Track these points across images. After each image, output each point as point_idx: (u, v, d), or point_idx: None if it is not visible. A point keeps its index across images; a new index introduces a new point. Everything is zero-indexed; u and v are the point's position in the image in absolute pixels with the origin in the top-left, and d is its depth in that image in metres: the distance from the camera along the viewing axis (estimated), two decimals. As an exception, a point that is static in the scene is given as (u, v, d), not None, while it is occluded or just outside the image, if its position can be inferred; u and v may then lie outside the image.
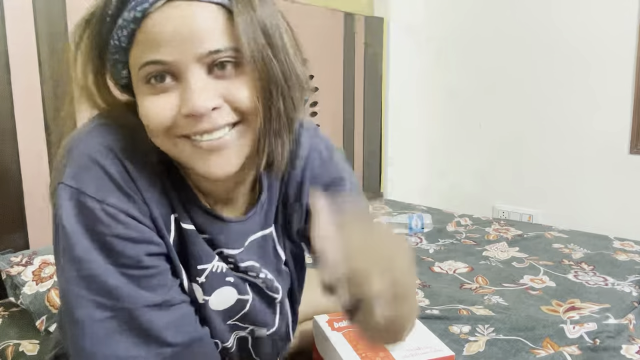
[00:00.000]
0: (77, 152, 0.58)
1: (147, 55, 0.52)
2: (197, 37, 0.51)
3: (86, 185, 0.56)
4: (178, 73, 0.53)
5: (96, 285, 0.55)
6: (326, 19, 2.32)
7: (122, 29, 0.52)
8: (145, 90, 0.54)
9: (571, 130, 2.49)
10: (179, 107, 0.53)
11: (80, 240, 0.55)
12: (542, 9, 2.50)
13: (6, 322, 1.27)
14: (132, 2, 0.51)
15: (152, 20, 0.51)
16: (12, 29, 1.36)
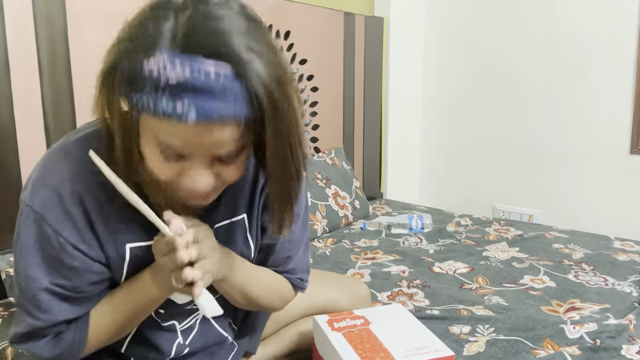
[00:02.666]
0: (49, 182, 0.66)
1: (168, 139, 0.56)
2: (215, 147, 0.57)
3: (48, 216, 0.66)
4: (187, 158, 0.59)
5: (30, 296, 0.71)
6: (326, 19, 2.32)
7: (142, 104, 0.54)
8: (155, 149, 0.58)
9: (571, 131, 2.49)
10: (178, 174, 0.60)
11: (32, 257, 0.68)
12: (542, 10, 2.50)
13: (6, 322, 1.27)
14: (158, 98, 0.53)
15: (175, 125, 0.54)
16: (12, 29, 1.36)
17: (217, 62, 0.52)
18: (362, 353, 0.88)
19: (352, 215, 2.19)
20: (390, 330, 0.95)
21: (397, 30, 2.73)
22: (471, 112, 2.81)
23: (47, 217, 0.66)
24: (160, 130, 0.55)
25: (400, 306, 1.06)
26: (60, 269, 0.68)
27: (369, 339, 0.92)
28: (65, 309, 0.71)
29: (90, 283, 0.71)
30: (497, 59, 2.67)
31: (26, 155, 1.42)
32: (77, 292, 0.70)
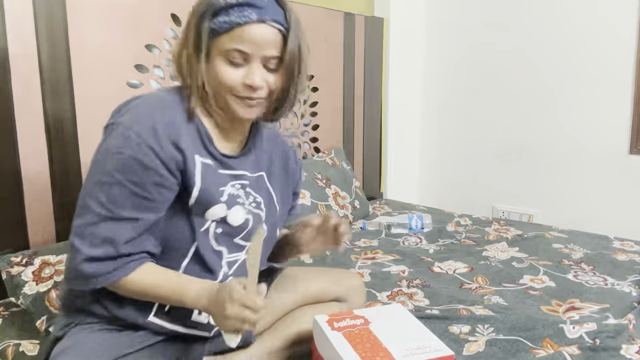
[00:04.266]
0: (134, 107, 0.88)
1: (236, 45, 0.86)
2: (266, 46, 0.88)
3: (134, 126, 0.84)
4: (248, 59, 0.88)
5: (106, 190, 0.85)
6: (326, 19, 2.32)
7: (223, 22, 0.86)
8: (224, 62, 0.88)
9: (571, 131, 2.49)
10: (243, 78, 0.89)
11: (109, 160, 0.84)
12: (542, 10, 2.50)
13: (6, 322, 1.27)
14: (234, 12, 0.85)
15: (244, 27, 0.86)
16: (12, 29, 1.36)
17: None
18: (362, 353, 0.88)
19: (352, 215, 2.19)
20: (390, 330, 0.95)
21: (397, 30, 2.73)
22: (471, 111, 2.82)
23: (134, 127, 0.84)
24: (230, 41, 0.86)
25: (400, 306, 1.06)
26: (133, 166, 0.84)
27: (368, 338, 0.92)
28: (127, 205, 0.85)
29: (154, 184, 0.85)
30: (496, 58, 2.67)
31: (26, 155, 1.42)
32: (143, 190, 0.85)
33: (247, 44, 0.86)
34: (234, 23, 0.85)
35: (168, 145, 0.85)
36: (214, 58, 0.88)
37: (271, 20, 0.86)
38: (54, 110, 1.46)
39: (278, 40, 0.88)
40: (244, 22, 0.85)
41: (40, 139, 1.45)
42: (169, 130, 0.86)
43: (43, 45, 1.42)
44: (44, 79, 1.43)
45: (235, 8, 0.85)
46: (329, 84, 2.39)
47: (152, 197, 0.86)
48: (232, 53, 0.86)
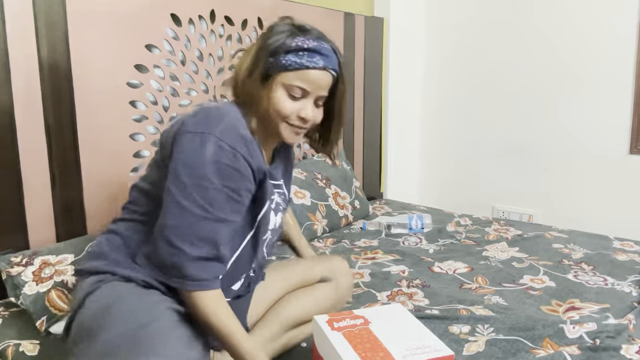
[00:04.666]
0: (222, 119, 0.97)
1: (300, 83, 1.00)
2: (323, 88, 1.04)
3: (226, 138, 0.94)
4: (305, 95, 1.02)
5: (204, 193, 0.92)
6: (326, 19, 2.32)
7: (294, 62, 0.99)
8: (285, 94, 1.01)
9: (571, 131, 2.49)
10: (298, 110, 1.02)
11: (208, 166, 0.92)
12: (542, 11, 2.50)
13: (6, 322, 1.27)
14: (305, 56, 1.00)
15: (310, 70, 1.01)
16: (12, 29, 1.36)
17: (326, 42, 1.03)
18: (362, 353, 0.88)
19: (352, 215, 2.19)
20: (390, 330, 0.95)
21: (397, 30, 2.73)
22: (471, 111, 2.81)
23: (225, 139, 0.93)
24: (296, 78, 1.00)
25: (400, 306, 1.06)
26: (231, 174, 0.93)
27: (368, 338, 0.92)
28: (225, 208, 0.94)
29: (247, 190, 0.98)
30: (496, 58, 2.67)
31: (26, 155, 1.42)
32: (238, 195, 0.96)
33: (310, 85, 1.00)
34: (304, 66, 0.99)
35: (253, 158, 0.97)
36: (276, 88, 1.00)
37: (331, 68, 1.02)
38: (54, 110, 1.46)
39: (330, 83, 1.04)
40: (312, 67, 0.99)
41: (40, 139, 1.45)
42: (251, 145, 0.97)
43: (43, 45, 1.42)
44: (44, 78, 1.43)
45: (307, 53, 0.99)
46: (329, 84, 2.39)
47: (243, 201, 0.98)
48: (294, 88, 1.00)
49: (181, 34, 1.75)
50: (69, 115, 1.50)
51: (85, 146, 1.54)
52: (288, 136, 1.05)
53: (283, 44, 0.99)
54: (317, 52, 1.00)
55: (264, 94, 1.01)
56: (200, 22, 1.81)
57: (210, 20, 1.84)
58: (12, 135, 1.39)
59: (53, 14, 1.43)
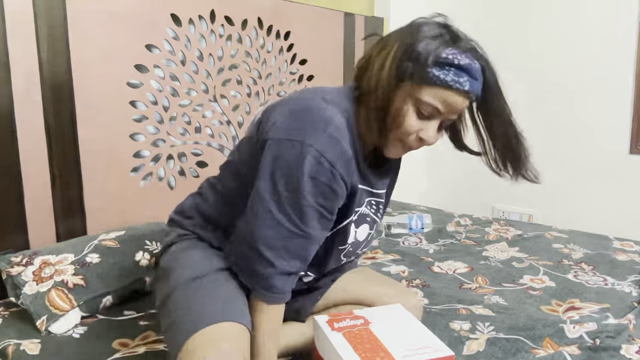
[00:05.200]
0: (325, 129, 0.87)
1: (435, 102, 0.87)
2: (456, 112, 0.91)
3: (327, 154, 0.87)
4: (432, 116, 0.90)
5: (298, 209, 0.88)
6: (326, 19, 2.32)
7: (437, 78, 0.86)
8: (413, 109, 0.89)
9: (571, 130, 2.49)
10: (419, 131, 0.91)
11: (306, 183, 0.86)
12: (543, 11, 2.50)
13: (6, 322, 1.27)
14: (452, 73, 0.86)
15: (452, 91, 0.87)
16: (12, 29, 1.36)
17: (478, 61, 0.89)
18: (362, 353, 0.88)
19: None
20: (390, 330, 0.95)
21: (397, 30, 2.72)
22: (471, 112, 2.81)
23: (326, 155, 0.86)
24: (432, 95, 0.87)
25: (400, 306, 1.06)
26: (327, 193, 0.88)
27: (368, 339, 0.92)
28: (317, 223, 0.90)
29: (338, 208, 0.93)
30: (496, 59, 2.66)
31: (26, 155, 1.42)
32: (330, 214, 0.92)
33: (446, 107, 0.88)
34: (447, 85, 0.86)
35: (349, 177, 0.91)
36: (405, 98, 0.88)
37: (474, 93, 0.89)
38: (54, 110, 1.46)
39: (465, 107, 0.92)
40: (456, 88, 0.86)
41: (40, 139, 1.45)
42: (351, 162, 0.90)
43: (43, 45, 1.42)
44: (44, 78, 1.43)
45: (454, 70, 0.86)
46: (328, 84, 2.39)
47: (332, 218, 0.93)
48: (426, 106, 0.88)
49: (181, 34, 1.75)
50: (69, 115, 1.50)
51: (85, 146, 1.54)
52: (393, 151, 0.95)
53: (431, 51, 0.86)
54: (466, 72, 0.87)
55: (391, 101, 0.89)
56: (200, 22, 1.81)
57: (210, 20, 1.84)
58: (12, 135, 1.39)
59: (53, 14, 1.43)
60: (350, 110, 0.94)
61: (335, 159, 0.87)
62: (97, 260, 1.36)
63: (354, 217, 1.00)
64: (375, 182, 1.03)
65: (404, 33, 0.91)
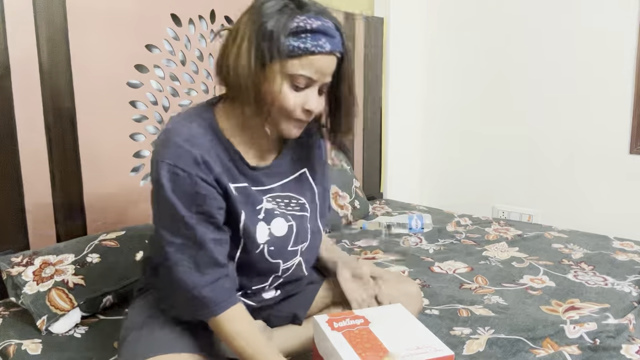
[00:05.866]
0: (173, 142, 0.89)
1: (306, 72, 0.87)
2: (329, 75, 0.91)
3: (179, 163, 0.88)
4: (309, 85, 0.89)
5: (184, 225, 0.89)
6: (326, 19, 2.32)
7: (297, 48, 0.84)
8: (288, 85, 0.87)
9: (571, 130, 2.49)
10: (303, 103, 0.90)
11: (172, 197, 0.88)
12: (543, 11, 2.50)
13: (7, 322, 1.27)
14: (310, 39, 0.85)
15: (316, 55, 0.86)
16: (12, 29, 1.36)
17: (330, 20, 0.88)
18: (362, 352, 0.88)
19: (352, 215, 2.19)
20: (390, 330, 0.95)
21: (397, 30, 2.73)
22: (471, 111, 2.81)
23: (179, 164, 0.88)
24: (299, 66, 0.85)
25: (401, 306, 1.06)
26: (196, 199, 0.89)
27: (368, 338, 0.92)
28: (205, 228, 0.90)
29: (218, 208, 0.92)
30: (496, 59, 2.67)
31: (26, 155, 1.42)
32: (211, 216, 0.91)
33: (316, 73, 0.87)
34: (309, 51, 0.85)
35: (210, 175, 0.90)
36: (275, 78, 0.86)
37: (337, 51, 0.89)
38: (54, 110, 1.46)
39: (335, 67, 0.91)
40: (318, 51, 0.85)
41: (40, 139, 1.45)
42: (210, 164, 0.90)
43: (43, 45, 1.42)
44: (44, 79, 1.43)
45: (310, 35, 0.85)
46: (329, 84, 2.39)
47: (218, 218, 0.92)
48: (299, 78, 0.87)
49: (181, 34, 1.75)
50: (69, 115, 1.50)
51: (85, 146, 1.54)
52: (289, 132, 0.93)
53: (281, 25, 0.83)
54: (322, 33, 0.86)
55: (261, 86, 0.87)
56: (200, 22, 1.81)
57: (210, 20, 1.84)
58: (12, 135, 1.39)
59: (53, 14, 1.43)
60: (212, 117, 0.94)
61: (190, 165, 0.88)
62: (97, 260, 1.36)
63: (260, 215, 0.98)
64: (269, 178, 1.01)
65: (250, 17, 0.86)
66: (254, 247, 0.98)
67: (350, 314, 1.01)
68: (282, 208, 1.03)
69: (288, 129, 0.93)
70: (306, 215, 1.06)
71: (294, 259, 1.06)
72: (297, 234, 1.04)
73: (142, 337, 0.95)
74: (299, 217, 1.05)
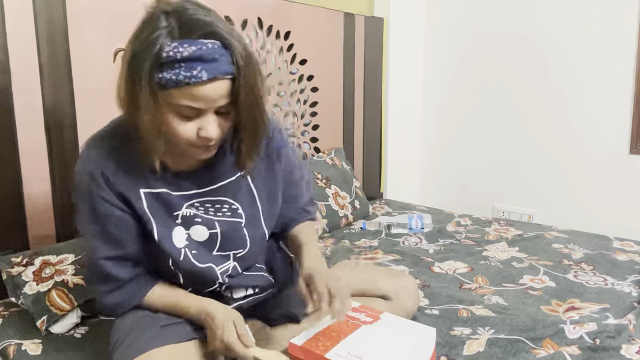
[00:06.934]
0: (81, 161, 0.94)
1: (187, 102, 0.80)
2: (218, 100, 0.82)
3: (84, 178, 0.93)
4: (201, 113, 0.83)
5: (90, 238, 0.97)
6: (326, 19, 2.32)
7: (170, 80, 0.78)
8: (175, 116, 0.82)
9: (571, 130, 2.49)
10: (198, 131, 0.84)
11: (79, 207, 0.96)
12: (543, 10, 2.49)
13: (7, 322, 1.27)
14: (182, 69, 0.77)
15: (193, 86, 0.79)
16: (12, 29, 1.36)
17: (210, 40, 0.79)
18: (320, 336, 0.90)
19: (352, 215, 2.19)
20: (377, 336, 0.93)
21: (397, 30, 2.73)
22: (471, 111, 2.81)
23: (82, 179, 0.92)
24: (180, 96, 0.79)
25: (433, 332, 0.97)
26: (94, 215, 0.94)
27: (344, 331, 0.92)
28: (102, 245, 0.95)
29: (115, 225, 0.94)
30: (496, 59, 2.67)
31: (26, 155, 1.42)
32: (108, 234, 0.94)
33: (201, 102, 0.80)
34: (183, 83, 0.77)
35: (110, 192, 0.92)
36: (161, 108, 0.81)
37: (222, 74, 0.79)
38: (54, 110, 1.46)
39: (229, 87, 0.81)
40: (194, 82, 0.77)
41: (40, 139, 1.45)
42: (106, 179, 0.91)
43: (43, 45, 1.42)
44: (44, 78, 1.43)
45: (184, 64, 0.77)
46: (329, 84, 2.39)
47: (119, 235, 0.95)
48: (183, 108, 0.81)
49: (181, 34, 1.75)
50: (69, 115, 1.50)
51: (85, 146, 1.54)
52: (199, 155, 0.90)
53: (152, 56, 0.77)
54: (198, 60, 0.77)
55: (154, 116, 0.81)
56: (201, 22, 1.81)
57: (210, 20, 1.84)
58: (12, 135, 1.39)
59: (53, 14, 1.43)
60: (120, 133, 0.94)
61: (88, 178, 0.92)
62: (98, 260, 1.36)
63: (178, 220, 0.97)
64: (194, 182, 0.97)
65: (128, 44, 0.82)
66: (174, 252, 0.97)
67: (372, 310, 1.00)
68: (210, 214, 0.99)
69: (195, 152, 0.89)
70: (239, 221, 1.02)
71: (227, 263, 1.03)
72: (224, 241, 1.01)
73: (130, 339, 0.96)
74: (229, 222, 1.01)
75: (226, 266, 1.03)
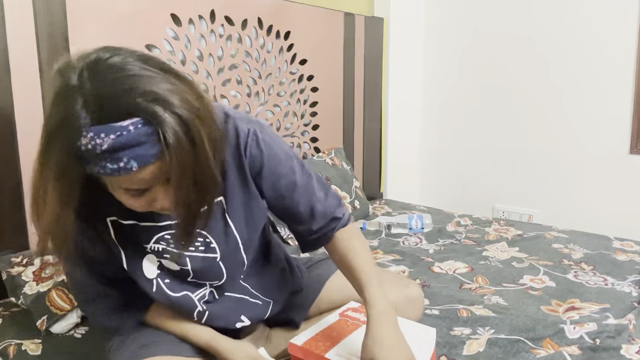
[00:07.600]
0: None
1: (124, 185, 0.72)
2: (157, 179, 0.72)
3: None
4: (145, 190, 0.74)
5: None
6: (326, 19, 2.32)
7: (98, 172, 0.69)
8: (123, 193, 0.74)
9: (571, 130, 2.49)
10: (152, 203, 0.76)
11: None
12: (543, 10, 2.50)
13: (7, 322, 1.27)
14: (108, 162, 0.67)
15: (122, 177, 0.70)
16: (12, 29, 1.36)
17: (131, 120, 0.66)
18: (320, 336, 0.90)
19: (352, 216, 2.19)
20: None
21: (397, 30, 2.73)
22: (471, 111, 2.81)
23: None
24: (116, 183, 0.72)
25: (433, 332, 0.99)
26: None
27: (344, 331, 0.92)
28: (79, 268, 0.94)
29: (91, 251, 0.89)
30: (496, 59, 2.67)
31: (26, 155, 1.42)
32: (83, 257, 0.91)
33: (137, 184, 0.72)
34: (112, 175, 0.69)
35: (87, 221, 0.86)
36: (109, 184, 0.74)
37: (152, 157, 0.68)
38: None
39: (165, 165, 0.70)
40: (124, 174, 0.68)
41: (40, 139, 1.45)
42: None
43: (43, 45, 1.42)
44: (44, 78, 1.43)
45: (107, 156, 0.66)
46: (329, 84, 2.39)
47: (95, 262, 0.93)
48: (125, 189, 0.73)
49: (181, 34, 1.75)
50: (69, 115, 1.50)
51: (85, 146, 1.54)
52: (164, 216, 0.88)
53: (69, 147, 0.66)
54: (121, 149, 0.66)
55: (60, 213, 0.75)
56: (200, 22, 1.81)
57: (210, 20, 1.84)
58: (12, 135, 1.39)
59: (53, 14, 1.43)
60: None
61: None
62: (98, 260, 1.36)
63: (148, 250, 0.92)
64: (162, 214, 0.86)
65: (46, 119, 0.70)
66: (146, 284, 0.94)
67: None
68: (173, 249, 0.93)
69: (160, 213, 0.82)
70: (213, 256, 0.94)
71: (202, 289, 0.99)
72: (198, 275, 0.96)
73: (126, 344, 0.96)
74: (203, 258, 0.94)
75: (202, 292, 0.99)
